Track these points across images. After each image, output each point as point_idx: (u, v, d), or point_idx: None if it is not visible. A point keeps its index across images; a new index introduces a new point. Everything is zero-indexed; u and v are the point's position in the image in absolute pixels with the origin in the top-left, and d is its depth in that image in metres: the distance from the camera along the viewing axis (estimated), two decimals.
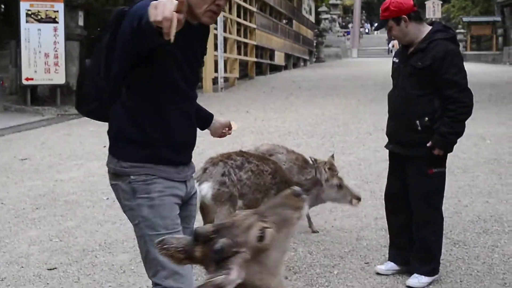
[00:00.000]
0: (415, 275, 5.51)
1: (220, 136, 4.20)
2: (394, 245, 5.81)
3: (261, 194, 5.72)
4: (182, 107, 3.39)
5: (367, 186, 9.16)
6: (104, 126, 3.46)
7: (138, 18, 2.83)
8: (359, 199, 6.02)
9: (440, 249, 5.61)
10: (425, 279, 5.47)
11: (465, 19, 60.11)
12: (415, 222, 5.54)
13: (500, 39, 57.26)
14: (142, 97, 3.28)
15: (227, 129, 4.14)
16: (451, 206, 7.91)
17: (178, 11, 2.53)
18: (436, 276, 5.55)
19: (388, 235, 5.92)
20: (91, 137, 13.97)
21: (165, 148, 3.30)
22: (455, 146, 5.43)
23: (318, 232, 7.07)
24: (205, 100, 21.74)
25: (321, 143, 12.72)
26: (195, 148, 3.53)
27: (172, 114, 3.32)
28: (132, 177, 3.31)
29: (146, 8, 2.66)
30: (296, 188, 2.36)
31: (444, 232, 5.70)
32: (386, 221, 5.96)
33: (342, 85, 25.87)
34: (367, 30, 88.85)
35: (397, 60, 5.62)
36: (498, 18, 57.77)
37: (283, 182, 5.78)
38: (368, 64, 44.15)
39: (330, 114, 17.18)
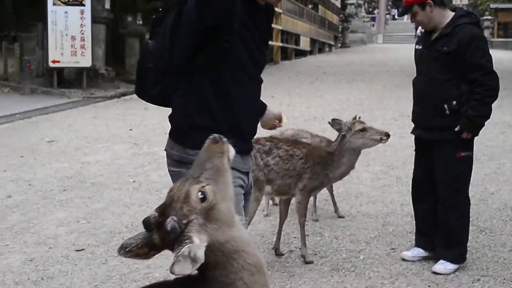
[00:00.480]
0: (441, 261, 5.51)
1: (271, 128, 3.97)
2: (420, 231, 5.81)
3: (292, 179, 5.70)
4: (249, 92, 3.30)
5: (393, 172, 9.16)
6: (130, 109, 3.46)
7: None
8: (388, 135, 5.82)
9: (467, 236, 5.60)
10: (451, 266, 5.47)
11: (492, 5, 59.61)
12: (441, 207, 5.53)
13: None
14: (209, 82, 3.17)
15: (277, 121, 3.89)
16: (477, 193, 7.89)
17: None
18: (462, 263, 5.54)
19: (414, 221, 5.92)
20: (116, 120, 14.07)
21: (233, 136, 2.68)
22: (481, 133, 5.42)
23: (344, 217, 7.09)
24: None
25: None
26: None
27: (239, 100, 3.22)
28: None
29: None
30: (213, 135, 2.34)
31: (470, 219, 5.69)
32: (412, 207, 5.96)
33: (367, 70, 25.79)
34: (394, 16, 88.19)
35: (420, 47, 5.63)
36: None
37: (317, 164, 5.74)
38: (394, 50, 43.92)
39: (355, 100, 17.14)
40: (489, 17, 57.59)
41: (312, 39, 40.35)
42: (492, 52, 5.34)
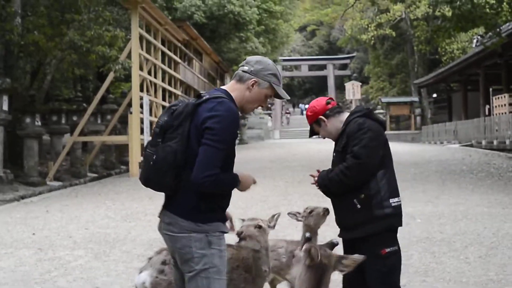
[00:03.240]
0: None
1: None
2: None
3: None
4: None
5: None
6: (31, 212, 3.44)
7: (233, 184, 4.44)
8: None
9: None
10: None
11: (384, 99, 62.02)
12: None
13: (418, 118, 59.10)
14: None
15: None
16: None
17: None
18: None
19: None
20: (18, 224, 13.65)
21: (223, 211, 4.52)
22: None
23: None
24: (132, 184, 21.60)
25: None
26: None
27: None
28: (210, 232, 4.32)
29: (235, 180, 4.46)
30: None
31: None
32: None
33: (268, 166, 26.03)
34: (289, 111, 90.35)
35: (334, 153, 5.68)
36: (416, 99, 59.82)
37: (235, 269, 5.51)
38: (291, 145, 44.68)
39: (259, 197, 17.21)
40: (382, 111, 59.72)
41: None
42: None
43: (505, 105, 36.08)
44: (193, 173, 4.20)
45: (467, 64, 43.89)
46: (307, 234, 4.34)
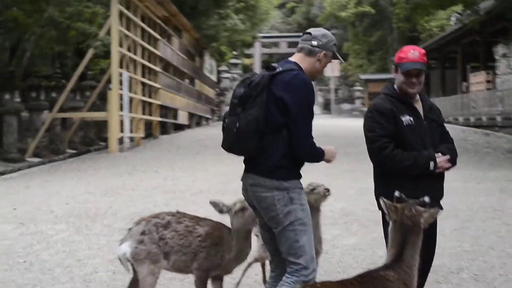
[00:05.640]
0: None
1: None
2: None
3: (186, 256, 5.71)
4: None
5: None
6: (11, 188, 3.54)
7: (321, 154, 4.96)
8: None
9: None
10: None
11: (362, 76, 62.13)
12: None
13: None
14: (286, 137, 4.81)
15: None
16: (367, 257, 8.19)
17: None
18: None
19: None
20: None
21: (299, 171, 4.97)
22: (365, 200, 5.62)
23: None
24: (111, 160, 21.70)
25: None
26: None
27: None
28: (290, 189, 4.80)
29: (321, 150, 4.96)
30: None
31: None
32: None
33: None
34: None
35: (411, 118, 5.38)
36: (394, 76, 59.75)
37: (213, 245, 5.71)
38: None
39: (239, 172, 17.25)
40: (360, 88, 59.93)
41: (190, 113, 40.69)
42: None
43: (482, 82, 36.35)
44: (296, 144, 4.80)
45: (445, 41, 44.17)
46: (396, 193, 4.38)
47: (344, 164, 16.84)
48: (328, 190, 5.87)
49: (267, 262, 6.20)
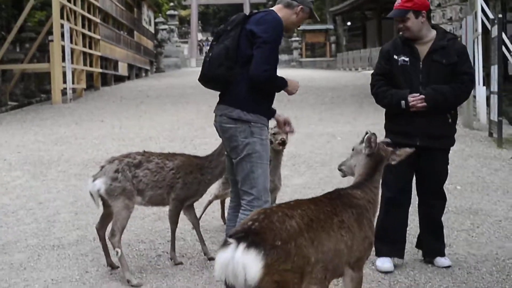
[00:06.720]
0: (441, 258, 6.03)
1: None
2: (396, 241, 6.03)
3: (162, 189, 6.08)
4: None
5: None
6: None
7: (280, 83, 5.23)
8: None
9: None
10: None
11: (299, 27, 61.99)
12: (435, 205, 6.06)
13: (333, 46, 59.85)
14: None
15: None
16: (316, 194, 8.63)
17: None
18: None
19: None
20: None
21: (268, 108, 5.30)
22: (310, 143, 5.98)
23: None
24: (56, 111, 21.76)
25: (183, 146, 13.22)
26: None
27: None
28: (252, 123, 5.10)
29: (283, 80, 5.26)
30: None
31: None
32: None
33: (189, 92, 26.36)
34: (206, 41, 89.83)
35: (406, 58, 5.78)
36: (331, 26, 60.37)
37: (189, 174, 6.13)
38: None
39: (185, 120, 17.72)
40: (297, 38, 60.21)
41: (129, 65, 40.60)
42: (302, 71, 6.03)
43: None
44: (252, 68, 5.03)
45: None
46: (368, 132, 4.75)
47: (288, 111, 17.28)
48: (283, 142, 6.24)
49: (227, 200, 6.68)
